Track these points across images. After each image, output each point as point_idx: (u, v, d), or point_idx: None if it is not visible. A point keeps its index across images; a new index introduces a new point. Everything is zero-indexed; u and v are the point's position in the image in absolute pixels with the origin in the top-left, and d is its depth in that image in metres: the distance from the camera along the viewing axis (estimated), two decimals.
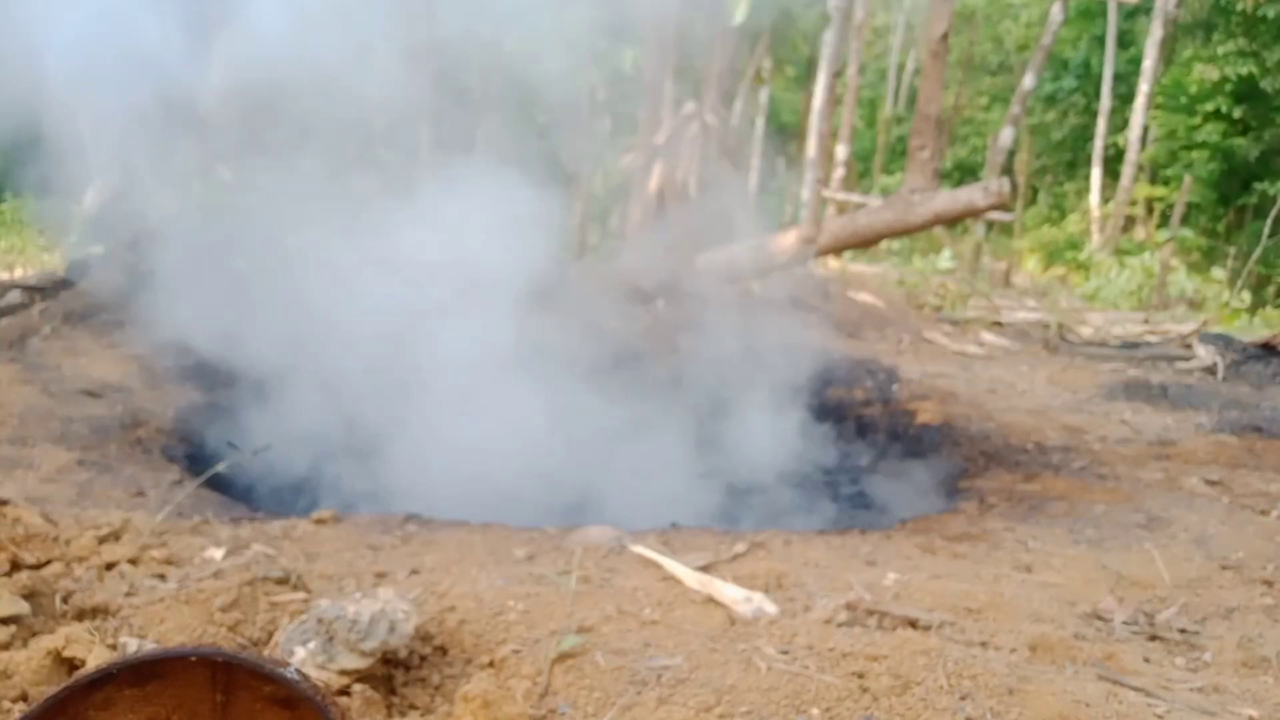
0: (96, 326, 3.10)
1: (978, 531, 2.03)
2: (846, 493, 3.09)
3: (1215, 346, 4.34)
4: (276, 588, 1.28)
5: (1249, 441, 2.88)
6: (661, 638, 1.28)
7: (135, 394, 2.71)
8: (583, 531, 1.76)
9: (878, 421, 3.39)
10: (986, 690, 1.18)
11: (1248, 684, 1.33)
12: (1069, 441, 2.87)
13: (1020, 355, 4.46)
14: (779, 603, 1.46)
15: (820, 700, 1.14)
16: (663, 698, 1.13)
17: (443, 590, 1.38)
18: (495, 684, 1.13)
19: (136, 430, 2.38)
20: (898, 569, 1.68)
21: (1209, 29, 13.72)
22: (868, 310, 4.98)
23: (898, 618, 1.42)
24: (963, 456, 2.85)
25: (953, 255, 8.15)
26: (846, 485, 3.12)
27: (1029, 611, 1.51)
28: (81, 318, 3.17)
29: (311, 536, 1.60)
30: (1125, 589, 1.69)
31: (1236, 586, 1.75)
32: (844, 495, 3.08)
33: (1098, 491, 2.37)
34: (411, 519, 1.82)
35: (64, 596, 1.21)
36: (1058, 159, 17.60)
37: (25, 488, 1.64)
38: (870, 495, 2.98)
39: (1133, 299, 7.71)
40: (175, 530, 1.53)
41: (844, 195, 9.60)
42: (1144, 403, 3.48)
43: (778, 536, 1.89)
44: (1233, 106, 12.64)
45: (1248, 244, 11.26)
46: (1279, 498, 2.35)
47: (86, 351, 2.98)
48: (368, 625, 1.13)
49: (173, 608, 1.19)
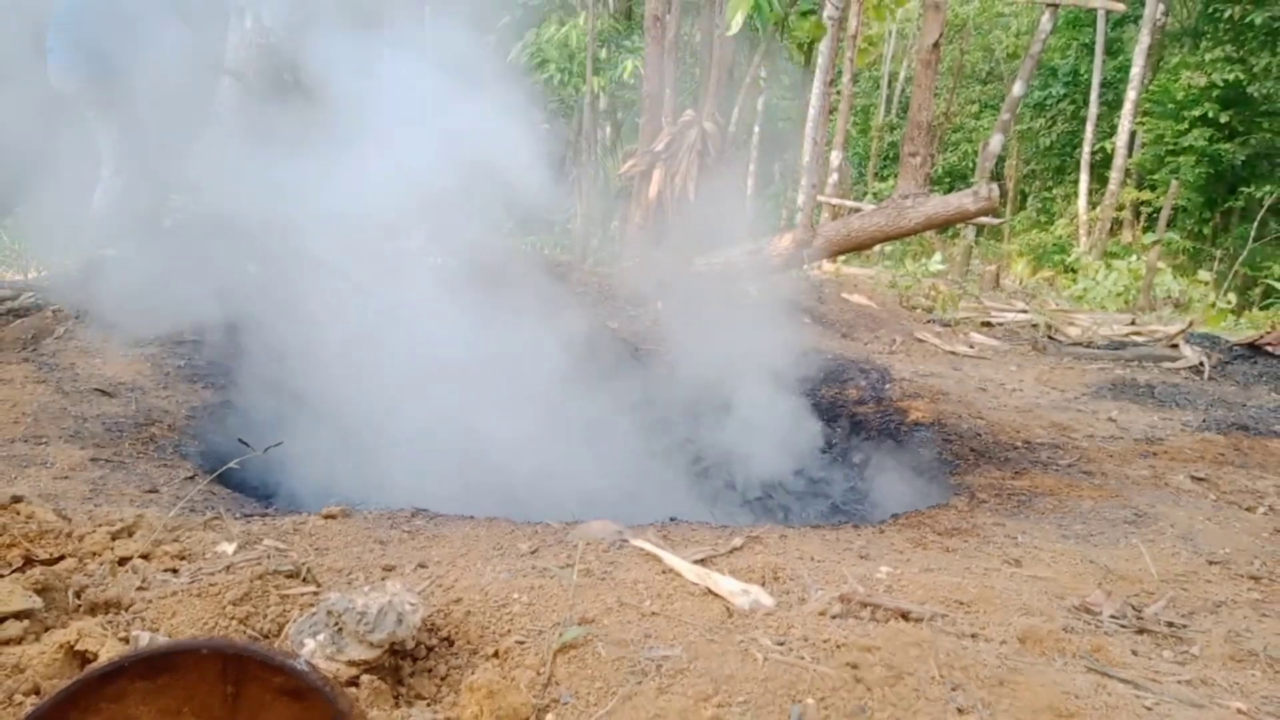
0: (110, 327, 3.12)
1: (968, 526, 2.06)
2: (840, 488, 3.12)
3: (1202, 346, 4.40)
4: (287, 581, 1.30)
5: (1235, 439, 2.92)
6: (661, 629, 1.31)
7: (148, 393, 2.73)
8: (585, 526, 1.79)
9: (870, 419, 3.42)
10: (977, 681, 1.21)
11: (1235, 677, 1.36)
12: (1057, 439, 2.90)
13: (1009, 355, 4.51)
14: (775, 595, 1.49)
15: (815, 690, 1.17)
16: (662, 687, 1.15)
17: (449, 583, 1.40)
18: (500, 674, 1.15)
19: (150, 428, 2.40)
20: (890, 563, 1.71)
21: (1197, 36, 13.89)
22: (861, 311, 5.03)
23: (890, 610, 1.45)
24: (953, 453, 2.88)
25: (944, 258, 8.21)
26: (840, 481, 3.16)
27: (1018, 604, 1.54)
28: (95, 318, 3.19)
29: (321, 531, 1.62)
30: (1113, 583, 1.71)
31: (1223, 581, 1.78)
32: (838, 491, 3.12)
33: (1085, 488, 2.40)
34: (419, 513, 1.84)
35: (77, 591, 1.23)
36: (1046, 164, 17.76)
37: (39, 485, 1.65)
38: (863, 491, 3.01)
39: (1119, 300, 7.79)
40: (187, 526, 1.54)
41: (838, 200, 9.67)
42: (1131, 401, 3.52)
43: (774, 531, 1.91)
44: (1220, 112, 12.80)
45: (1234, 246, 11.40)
46: (1265, 494, 2.39)
47: (100, 351, 2.99)
48: (376, 617, 1.15)
49: (184, 601, 1.21)
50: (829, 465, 3.29)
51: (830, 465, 3.28)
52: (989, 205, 5.15)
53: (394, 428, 2.61)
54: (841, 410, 3.58)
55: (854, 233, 5.48)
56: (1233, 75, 12.30)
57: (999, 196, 5.30)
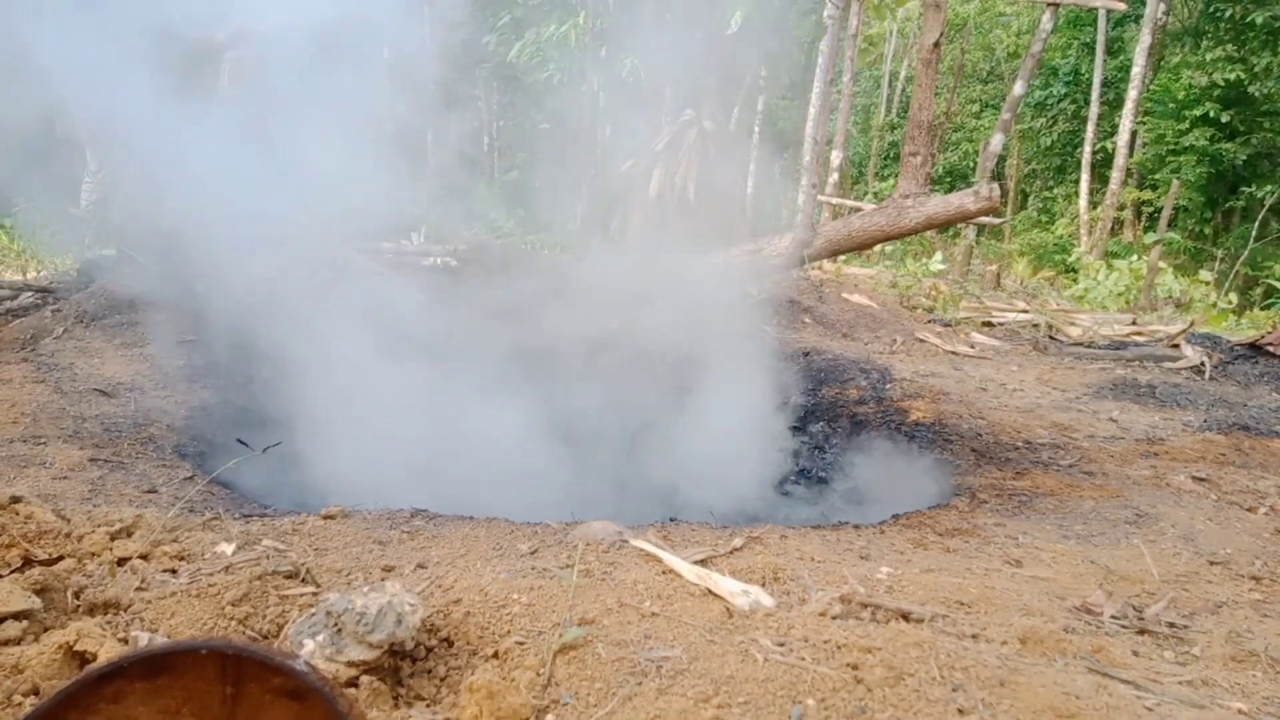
0: (109, 327, 3.12)
1: (969, 527, 2.06)
2: (841, 488, 3.12)
3: (1203, 346, 4.39)
4: (286, 582, 1.30)
5: (1236, 439, 2.91)
6: (661, 630, 1.31)
7: (147, 393, 2.74)
8: (584, 527, 1.79)
9: (871, 419, 3.42)
10: (978, 682, 1.21)
11: (1236, 678, 1.36)
12: (1058, 439, 2.90)
13: (1010, 355, 4.51)
14: (775, 596, 1.48)
15: (815, 691, 1.16)
16: (662, 688, 1.15)
17: (448, 584, 1.40)
18: (500, 675, 1.15)
19: (149, 428, 2.40)
20: (891, 563, 1.71)
21: (1198, 35, 13.88)
22: (861, 311, 5.02)
23: (891, 611, 1.45)
24: (954, 454, 2.88)
25: (945, 258, 8.21)
26: (841, 481, 3.15)
27: (1019, 605, 1.53)
28: (94, 318, 3.19)
29: (320, 531, 1.62)
30: (1114, 584, 1.71)
31: (1224, 582, 1.77)
32: (838, 491, 3.11)
33: (1086, 488, 2.39)
34: (418, 514, 1.83)
35: (76, 592, 1.23)
36: (1047, 164, 17.75)
37: (38, 485, 1.65)
38: (863, 491, 3.01)
39: (1121, 300, 7.79)
40: (186, 526, 1.54)
41: (838, 200, 9.66)
42: (1132, 401, 3.52)
43: (774, 531, 1.91)
44: (1220, 111, 12.79)
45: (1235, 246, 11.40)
46: (1266, 495, 2.38)
47: (99, 352, 3.00)
48: (375, 618, 1.15)
49: (184, 602, 1.21)
50: (830, 465, 3.28)
51: (831, 465, 3.28)
52: (990, 205, 5.15)
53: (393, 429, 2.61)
54: (842, 410, 3.58)
55: (855, 232, 5.48)
56: (1234, 75, 12.29)
57: (1000, 196, 5.30)
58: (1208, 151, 12.73)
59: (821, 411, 3.62)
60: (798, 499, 3.25)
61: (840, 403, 3.62)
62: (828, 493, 3.16)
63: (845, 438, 3.39)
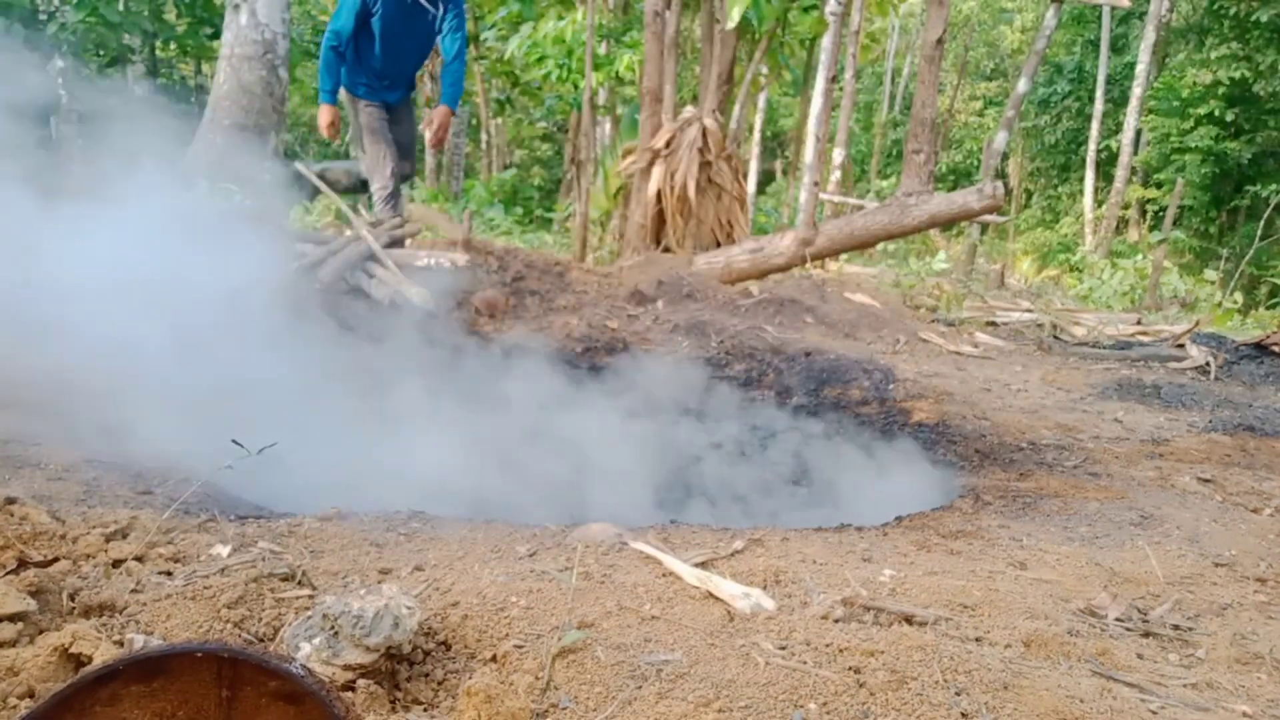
0: None
1: (972, 529, 2.04)
2: (843, 489, 3.10)
3: (1208, 346, 4.37)
4: (282, 584, 1.29)
5: (1241, 440, 2.90)
6: (661, 633, 1.30)
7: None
8: (584, 529, 1.78)
9: (874, 420, 3.40)
10: (982, 685, 1.20)
11: (1241, 680, 1.35)
12: (1063, 440, 2.88)
13: (1014, 355, 4.49)
14: (777, 599, 1.47)
15: (817, 695, 1.16)
16: (662, 692, 1.14)
17: (446, 586, 1.39)
18: (498, 678, 1.14)
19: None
20: (894, 565, 1.70)
21: (1202, 33, 13.84)
22: (864, 311, 5.00)
23: (894, 614, 1.44)
24: (957, 454, 2.86)
25: (948, 257, 8.20)
26: (843, 482, 3.14)
27: (1023, 608, 1.52)
28: None
29: (317, 533, 1.61)
30: (1119, 586, 1.70)
31: (1230, 584, 1.76)
32: (840, 492, 3.10)
33: (1091, 489, 2.38)
34: (415, 516, 1.83)
35: (71, 594, 1.22)
36: (1051, 162, 17.72)
37: (32, 486, 1.64)
38: (866, 492, 2.99)
39: (1125, 300, 7.77)
40: (182, 528, 1.54)
41: (840, 198, 9.64)
42: (1137, 402, 3.50)
43: (775, 533, 1.90)
44: (1225, 110, 12.75)
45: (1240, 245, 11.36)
46: (1271, 496, 2.37)
47: None
48: (372, 621, 1.14)
49: (179, 604, 1.20)
50: (832, 466, 3.27)
51: (833, 466, 3.26)
52: (993, 203, 5.13)
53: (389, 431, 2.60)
54: (845, 410, 3.56)
55: (857, 231, 5.46)
56: (1239, 73, 12.25)
57: (1004, 194, 5.27)
58: (1213, 150, 12.70)
59: (824, 411, 3.60)
60: (800, 500, 3.24)
61: (843, 403, 3.61)
62: (829, 493, 3.15)
63: (848, 438, 3.37)
